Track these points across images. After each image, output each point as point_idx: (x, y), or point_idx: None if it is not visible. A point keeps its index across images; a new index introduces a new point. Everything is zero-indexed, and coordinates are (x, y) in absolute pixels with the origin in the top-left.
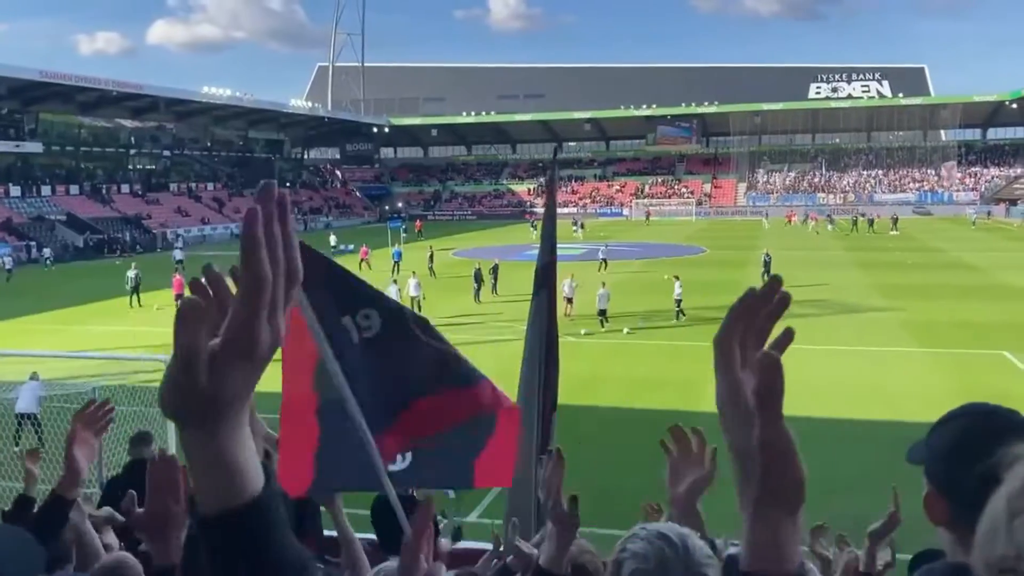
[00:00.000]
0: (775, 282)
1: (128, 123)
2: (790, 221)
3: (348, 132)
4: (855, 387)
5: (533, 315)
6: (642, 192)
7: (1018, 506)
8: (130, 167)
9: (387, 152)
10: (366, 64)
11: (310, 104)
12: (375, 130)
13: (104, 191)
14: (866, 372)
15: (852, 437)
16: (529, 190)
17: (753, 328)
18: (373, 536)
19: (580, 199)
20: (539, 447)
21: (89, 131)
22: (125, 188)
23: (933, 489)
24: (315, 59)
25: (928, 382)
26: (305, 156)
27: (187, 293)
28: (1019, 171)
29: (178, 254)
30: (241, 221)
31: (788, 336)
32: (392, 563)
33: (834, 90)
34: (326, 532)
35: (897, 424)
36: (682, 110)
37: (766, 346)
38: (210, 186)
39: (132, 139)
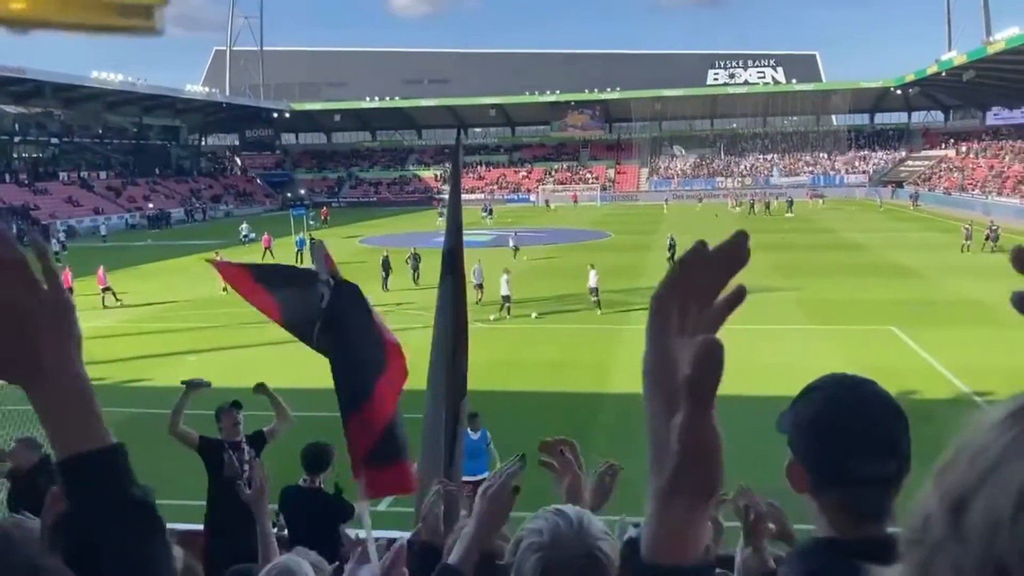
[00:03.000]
0: (740, 236)
1: (11, 109)
2: (665, 204)
3: (247, 118)
4: (753, 364)
5: (440, 301)
6: (550, 174)
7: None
8: (15, 155)
9: (289, 138)
10: (265, 48)
11: (207, 89)
12: (275, 116)
13: None
14: (764, 349)
15: (749, 412)
16: (436, 176)
17: (699, 288)
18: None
19: (487, 185)
20: (449, 432)
21: None
22: (9, 178)
23: (795, 458)
24: (212, 43)
25: (822, 358)
26: (203, 142)
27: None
28: (904, 154)
29: (55, 245)
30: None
31: (739, 295)
32: (284, 558)
33: (731, 76)
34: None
35: (791, 399)
36: (585, 96)
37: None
38: (103, 174)
39: (16, 126)
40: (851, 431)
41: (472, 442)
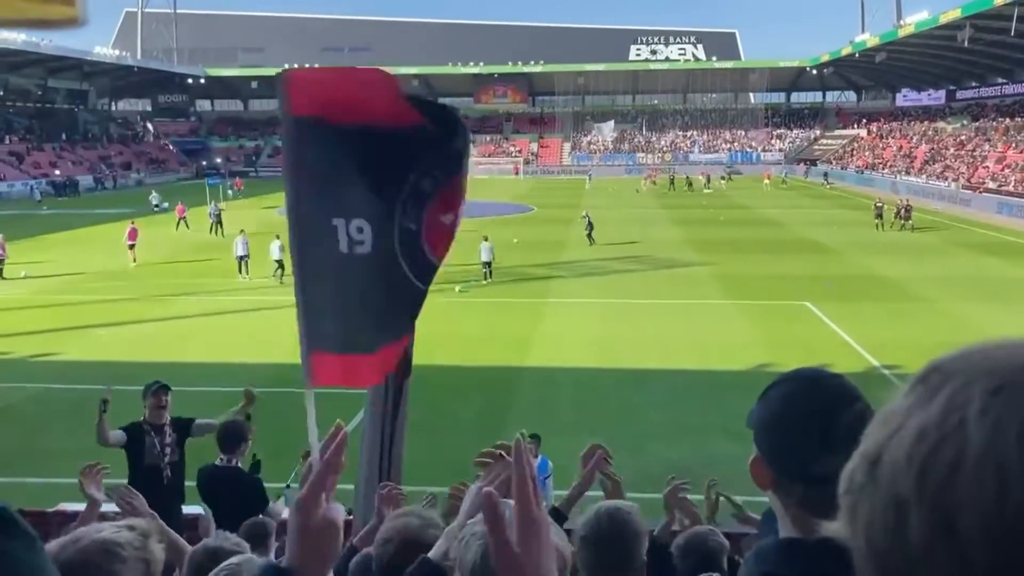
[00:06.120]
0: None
1: None
2: (588, 180)
3: (160, 83)
4: (671, 338)
5: None
6: (474, 145)
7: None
8: None
9: (204, 104)
10: (179, 11)
11: (117, 52)
12: (190, 81)
13: None
14: (681, 324)
15: (668, 385)
16: None
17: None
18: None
19: None
20: (391, 411)
21: None
22: None
23: (759, 455)
24: (122, 4)
25: (738, 332)
26: (113, 108)
27: None
28: (818, 133)
29: None
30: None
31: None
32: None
33: (653, 52)
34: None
35: (709, 372)
36: (509, 69)
37: None
38: (6, 139)
39: None
40: (810, 429)
41: None
